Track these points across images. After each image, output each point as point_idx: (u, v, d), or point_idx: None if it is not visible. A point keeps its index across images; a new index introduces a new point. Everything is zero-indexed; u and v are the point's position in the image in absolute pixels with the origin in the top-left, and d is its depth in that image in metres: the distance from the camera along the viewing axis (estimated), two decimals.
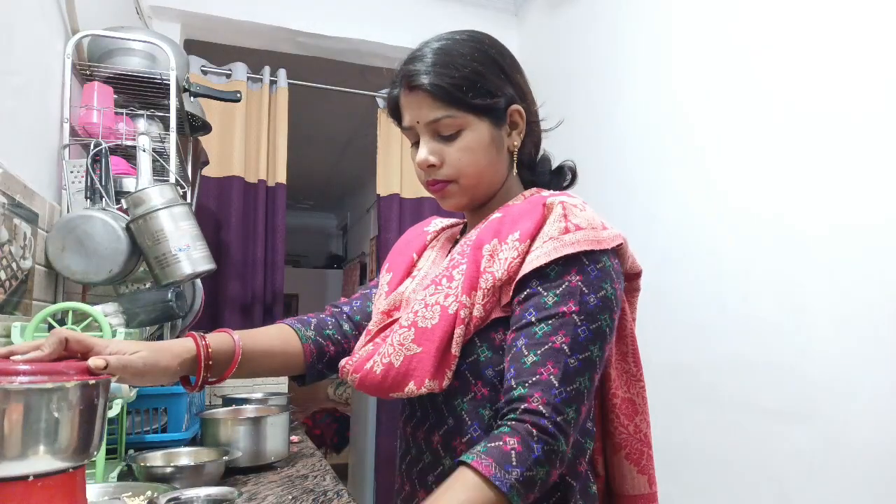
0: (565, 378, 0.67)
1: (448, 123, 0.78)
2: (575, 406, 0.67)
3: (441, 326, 0.73)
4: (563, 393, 0.67)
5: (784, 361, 1.43)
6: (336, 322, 0.96)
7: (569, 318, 0.69)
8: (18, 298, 1.22)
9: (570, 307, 0.69)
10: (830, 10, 1.37)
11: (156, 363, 0.75)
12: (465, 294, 0.74)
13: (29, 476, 0.61)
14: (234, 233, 2.53)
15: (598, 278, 0.71)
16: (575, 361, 0.68)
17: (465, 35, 0.81)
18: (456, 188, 0.81)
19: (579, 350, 0.69)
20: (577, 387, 0.68)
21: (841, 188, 1.33)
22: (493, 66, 0.80)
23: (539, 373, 0.67)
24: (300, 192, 5.75)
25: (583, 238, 0.71)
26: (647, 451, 0.84)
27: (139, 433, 1.44)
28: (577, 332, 0.69)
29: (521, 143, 0.83)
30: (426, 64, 0.78)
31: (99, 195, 1.41)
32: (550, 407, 0.66)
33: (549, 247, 0.71)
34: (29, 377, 0.61)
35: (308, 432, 3.82)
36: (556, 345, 0.68)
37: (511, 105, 0.81)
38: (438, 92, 0.76)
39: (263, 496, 1.18)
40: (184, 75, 1.79)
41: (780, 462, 1.43)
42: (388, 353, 0.76)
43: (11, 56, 1.26)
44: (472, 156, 0.78)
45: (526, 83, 0.85)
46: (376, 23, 2.62)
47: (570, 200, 0.76)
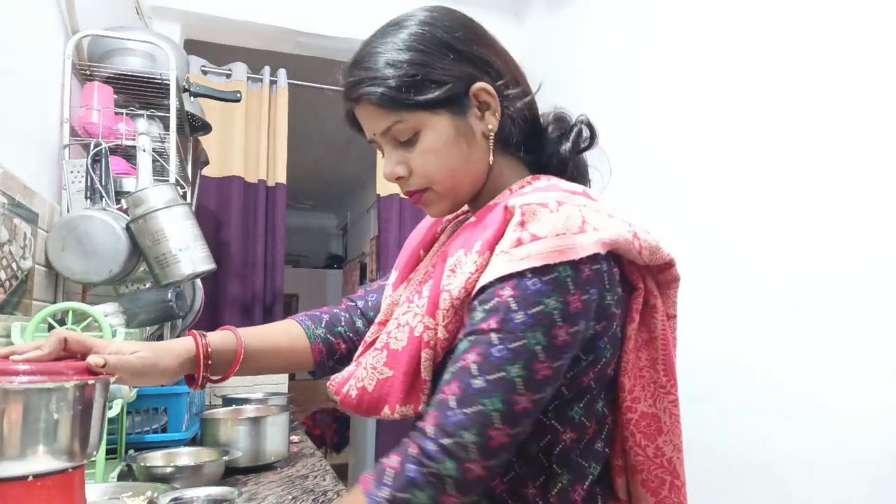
0: (464, 399, 0.60)
1: (401, 129, 0.70)
2: (476, 428, 0.59)
3: (408, 350, 0.68)
4: (458, 415, 0.59)
5: (784, 361, 1.43)
6: (349, 318, 0.92)
7: (485, 336, 0.61)
8: (18, 298, 1.22)
9: (490, 324, 0.61)
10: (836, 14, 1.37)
11: (155, 364, 0.74)
12: (429, 315, 0.67)
13: (28, 476, 0.61)
14: (234, 233, 2.53)
15: (539, 292, 0.60)
16: (481, 382, 0.60)
17: (403, 22, 0.72)
18: (433, 195, 0.73)
19: (487, 370, 0.60)
20: (480, 409, 0.59)
21: (841, 188, 1.33)
22: (439, 48, 0.69)
23: (443, 391, 0.62)
24: (300, 192, 5.75)
25: (536, 251, 0.60)
26: (672, 481, 0.72)
27: (139, 433, 1.44)
28: (489, 350, 0.60)
29: (501, 123, 0.72)
30: (364, 71, 0.70)
31: (99, 195, 1.41)
32: (438, 428, 0.60)
33: (498, 262, 0.62)
34: (28, 377, 0.61)
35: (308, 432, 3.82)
36: (465, 363, 0.61)
37: (473, 84, 0.70)
38: (381, 100, 0.68)
39: (263, 496, 1.18)
40: (184, 75, 1.79)
41: (781, 462, 1.42)
42: (362, 376, 0.72)
43: (11, 56, 1.26)
44: (437, 157, 0.70)
45: (492, 51, 0.74)
46: (376, 23, 2.60)
47: (541, 199, 0.63)
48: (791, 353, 1.42)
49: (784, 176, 1.46)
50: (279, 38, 2.59)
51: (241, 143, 2.57)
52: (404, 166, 0.72)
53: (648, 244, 0.69)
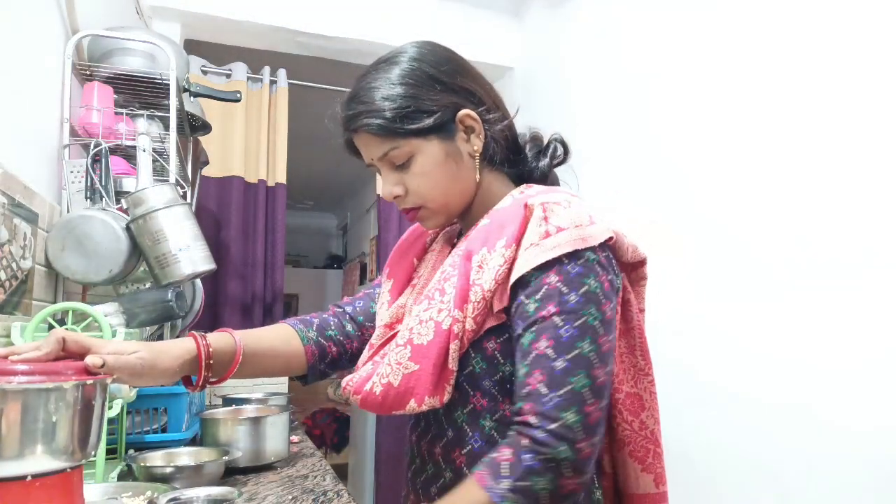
0: (553, 383, 0.65)
1: (396, 155, 0.78)
2: (575, 408, 0.64)
3: (436, 343, 0.72)
4: (554, 398, 0.64)
5: (784, 360, 1.43)
6: (339, 322, 0.96)
7: (549, 321, 0.67)
8: (18, 298, 1.22)
9: (550, 310, 0.67)
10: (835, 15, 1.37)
11: (154, 364, 0.75)
12: (458, 308, 0.72)
13: (27, 476, 0.60)
14: (234, 233, 2.53)
15: (580, 274, 0.69)
16: (562, 363, 0.66)
17: (394, 59, 0.80)
18: (427, 212, 0.81)
19: (565, 350, 0.66)
20: (572, 387, 0.65)
21: (841, 187, 1.33)
22: (427, 82, 0.78)
23: (528, 384, 0.66)
24: (300, 192, 5.75)
25: (565, 240, 0.69)
26: (654, 449, 0.81)
27: (139, 433, 1.44)
28: (558, 333, 0.67)
29: (485, 144, 0.81)
30: (361, 104, 0.78)
31: (99, 195, 1.41)
32: (540, 416, 0.64)
33: (530, 254, 0.69)
34: (27, 377, 0.61)
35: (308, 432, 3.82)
36: (539, 351, 0.67)
37: (458, 112, 0.79)
38: (377, 130, 0.77)
39: (263, 496, 1.18)
40: (184, 75, 1.79)
41: (780, 460, 1.42)
42: (387, 372, 0.76)
43: (11, 56, 1.26)
44: (430, 178, 0.78)
45: (474, 81, 0.82)
46: (376, 23, 2.61)
47: (553, 198, 0.73)
48: (791, 353, 1.41)
49: (784, 176, 1.46)
50: (279, 38, 2.58)
51: (241, 143, 2.57)
52: (401, 187, 0.80)
53: (630, 243, 0.79)
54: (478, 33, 2.75)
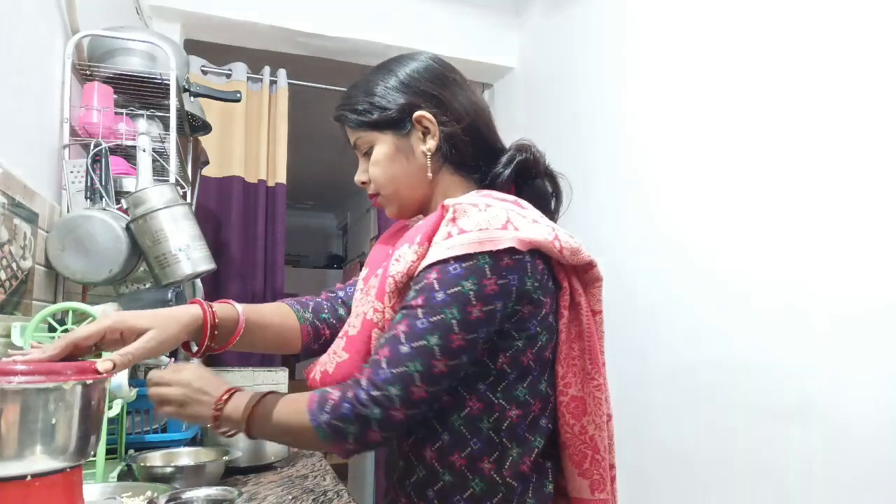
0: (392, 361, 0.72)
1: (361, 143, 0.89)
2: (399, 386, 0.72)
3: (361, 334, 0.80)
4: (387, 373, 0.72)
5: (784, 361, 1.43)
6: (332, 306, 1.02)
7: (413, 311, 0.74)
8: (18, 298, 1.22)
9: (418, 301, 0.74)
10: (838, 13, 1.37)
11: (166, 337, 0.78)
12: (378, 299, 0.80)
13: (27, 476, 0.60)
14: (234, 233, 2.53)
15: (458, 276, 0.73)
16: (406, 348, 0.72)
17: (382, 63, 0.91)
18: (382, 199, 0.91)
19: (413, 338, 0.73)
20: (405, 370, 0.72)
21: (841, 187, 1.33)
22: (390, 83, 0.87)
23: (378, 354, 0.74)
24: (300, 192, 5.74)
25: (461, 242, 0.73)
26: (592, 455, 0.82)
27: (139, 433, 1.44)
28: (415, 322, 0.73)
29: (439, 145, 0.86)
30: (343, 100, 0.90)
31: (99, 195, 1.41)
32: (370, 382, 0.72)
33: (432, 251, 0.75)
34: (26, 377, 0.61)
35: None
36: (396, 332, 0.74)
37: (415, 112, 0.85)
38: (347, 120, 0.89)
39: (263, 496, 1.18)
40: (184, 75, 1.79)
41: (781, 462, 1.42)
42: (325, 361, 0.84)
43: (11, 56, 1.26)
44: (380, 167, 0.87)
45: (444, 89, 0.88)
46: (376, 23, 2.61)
47: (471, 200, 0.77)
48: (791, 353, 1.41)
49: (797, 177, 1.46)
50: (279, 38, 2.58)
51: (241, 143, 2.57)
52: (364, 174, 0.91)
53: (570, 246, 0.80)
54: (478, 33, 2.75)
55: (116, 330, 0.75)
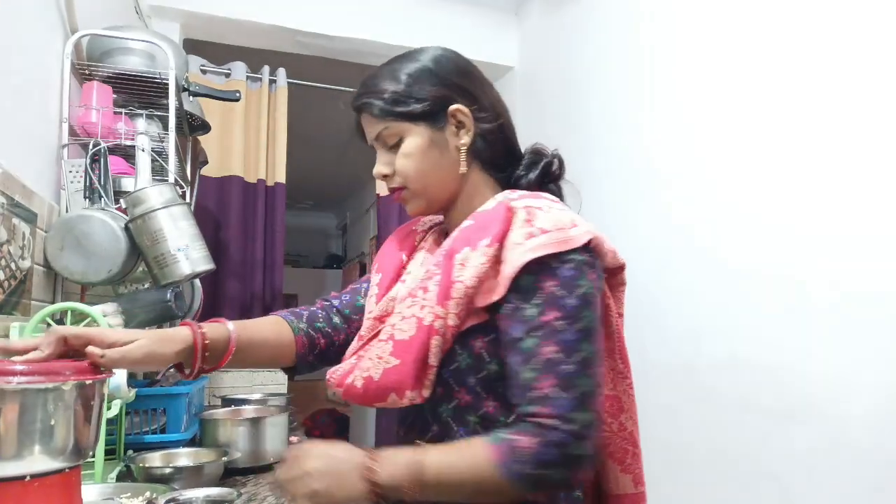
0: (566, 385, 0.68)
1: (388, 134, 0.84)
2: (584, 408, 0.68)
3: (418, 338, 0.75)
4: (569, 401, 0.68)
5: (784, 361, 1.43)
6: (326, 315, 0.98)
7: (553, 326, 0.70)
8: (17, 299, 1.22)
9: (552, 314, 0.71)
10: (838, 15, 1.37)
11: (154, 351, 0.77)
12: (440, 305, 0.75)
13: (26, 476, 0.60)
14: (234, 233, 2.53)
15: (573, 277, 0.72)
16: (571, 366, 0.69)
17: (406, 54, 0.87)
18: (408, 193, 0.86)
19: (571, 354, 0.69)
20: (582, 389, 0.69)
21: (841, 187, 1.32)
22: (425, 74, 0.84)
23: (540, 388, 0.69)
24: (300, 191, 5.75)
25: (548, 241, 0.72)
26: (633, 450, 0.84)
27: (138, 434, 1.44)
28: (564, 337, 0.70)
29: (474, 140, 0.85)
30: (365, 87, 0.86)
31: (98, 195, 1.41)
32: (559, 419, 0.67)
33: (516, 253, 0.72)
34: (26, 377, 0.60)
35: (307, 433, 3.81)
36: (547, 356, 0.69)
37: (451, 105, 0.83)
38: (374, 109, 0.84)
39: (263, 497, 1.18)
40: (183, 75, 1.79)
41: (781, 462, 1.42)
42: (367, 367, 0.78)
43: (10, 55, 1.26)
44: (412, 160, 0.83)
45: (473, 83, 0.87)
46: (376, 22, 2.61)
47: (535, 203, 0.76)
48: (791, 353, 1.41)
49: (797, 176, 1.46)
50: (278, 37, 2.58)
51: (240, 143, 2.57)
52: (389, 167, 0.86)
53: (611, 248, 0.81)
54: (478, 33, 2.75)
55: (105, 340, 0.74)
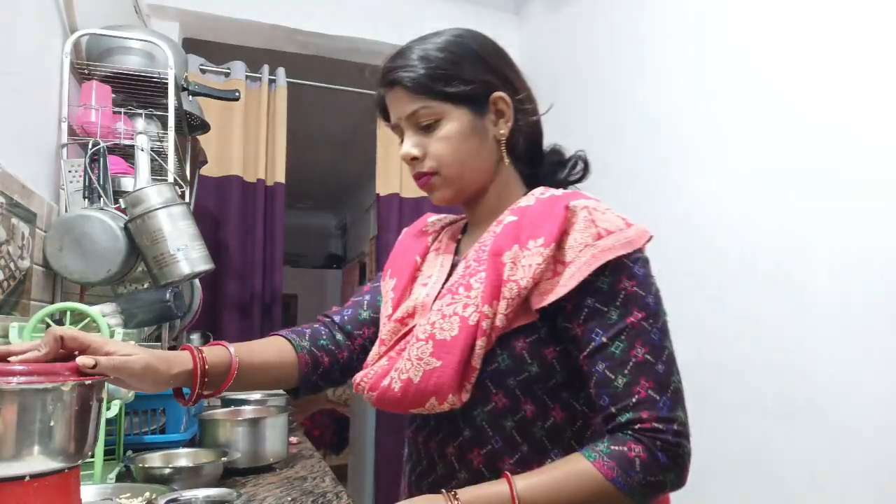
0: (662, 386, 0.68)
1: (425, 114, 0.78)
2: (681, 405, 0.69)
3: (462, 338, 0.71)
4: (668, 401, 0.67)
5: (785, 361, 1.43)
6: (329, 332, 0.94)
7: (640, 328, 0.69)
8: (16, 299, 1.21)
9: (636, 315, 0.69)
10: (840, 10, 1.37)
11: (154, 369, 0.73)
12: (486, 304, 0.71)
13: (25, 476, 0.60)
14: (233, 232, 2.53)
15: (646, 276, 0.72)
16: (662, 366, 0.68)
17: (445, 31, 0.82)
18: (439, 180, 0.80)
19: (660, 353, 0.69)
20: (674, 387, 0.69)
21: (841, 188, 1.32)
22: (471, 55, 0.79)
23: (636, 392, 0.67)
24: (299, 191, 5.74)
25: (616, 242, 0.70)
26: None
27: (138, 434, 1.43)
28: (651, 337, 0.69)
29: (511, 132, 0.81)
30: (403, 60, 0.79)
31: (97, 195, 1.41)
32: (663, 421, 0.67)
33: (587, 255, 0.70)
34: (24, 378, 0.60)
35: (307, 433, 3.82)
36: (639, 358, 0.68)
37: (493, 93, 0.79)
38: (413, 84, 0.77)
39: (262, 497, 1.17)
40: (182, 74, 1.79)
41: (782, 462, 1.42)
42: (406, 368, 0.74)
43: (10, 55, 1.25)
44: (451, 145, 0.78)
45: (514, 73, 0.84)
46: (376, 22, 2.61)
47: (592, 203, 0.74)
48: (792, 353, 1.41)
49: (789, 180, 1.46)
50: (278, 36, 2.58)
51: (239, 143, 2.57)
52: (420, 149, 0.80)
53: None
54: None
55: (102, 347, 0.71)
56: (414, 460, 0.83)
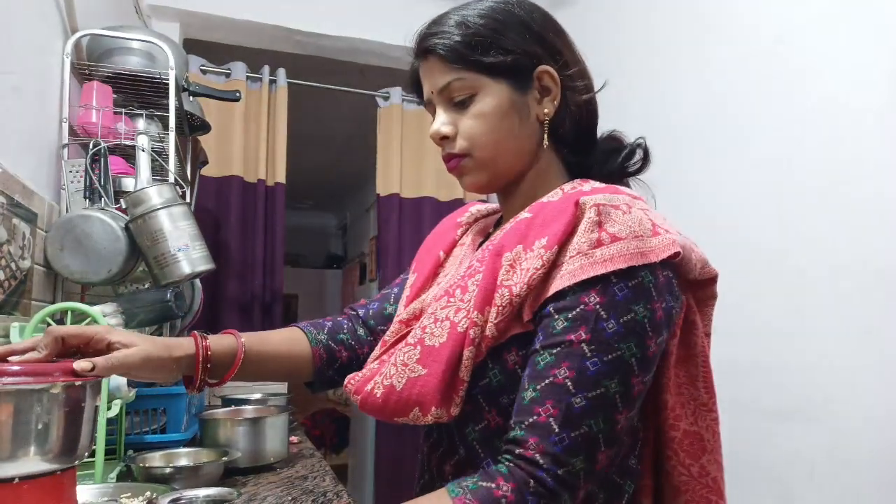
0: (567, 422, 0.57)
1: (458, 87, 0.69)
2: (584, 455, 0.57)
3: (448, 346, 0.64)
4: (566, 440, 0.57)
5: (785, 362, 1.43)
6: (351, 326, 0.89)
7: (576, 349, 0.58)
8: (17, 299, 1.22)
9: (580, 335, 0.58)
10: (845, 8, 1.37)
11: (153, 357, 0.71)
12: (477, 310, 0.63)
13: (14, 478, 0.59)
14: (233, 233, 2.53)
15: (628, 299, 0.59)
16: (581, 400, 0.57)
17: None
18: (471, 163, 0.71)
19: (586, 387, 0.57)
20: (587, 431, 0.57)
21: (841, 188, 1.32)
22: (516, 22, 0.69)
23: (537, 412, 0.58)
24: (299, 191, 5.74)
25: (618, 252, 0.59)
26: (717, 501, 0.70)
27: (138, 433, 1.44)
28: (584, 364, 0.58)
29: (556, 112, 0.71)
30: (438, 27, 0.71)
31: (98, 195, 1.41)
32: (549, 457, 0.56)
33: (575, 264, 0.60)
34: (13, 378, 0.59)
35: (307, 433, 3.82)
36: (557, 380, 0.58)
37: (539, 66, 0.70)
38: (448, 53, 0.69)
39: (263, 497, 1.18)
40: (183, 74, 1.79)
41: (782, 463, 1.42)
42: (391, 373, 0.67)
43: (10, 55, 1.26)
44: (486, 123, 0.69)
45: (565, 44, 0.73)
46: (376, 22, 2.61)
47: (611, 200, 0.63)
48: (792, 353, 1.41)
49: (790, 178, 1.46)
50: (278, 37, 2.58)
51: (240, 143, 2.57)
52: (452, 127, 0.71)
53: (701, 257, 0.69)
54: None
55: (104, 339, 0.68)
56: (419, 472, 0.80)
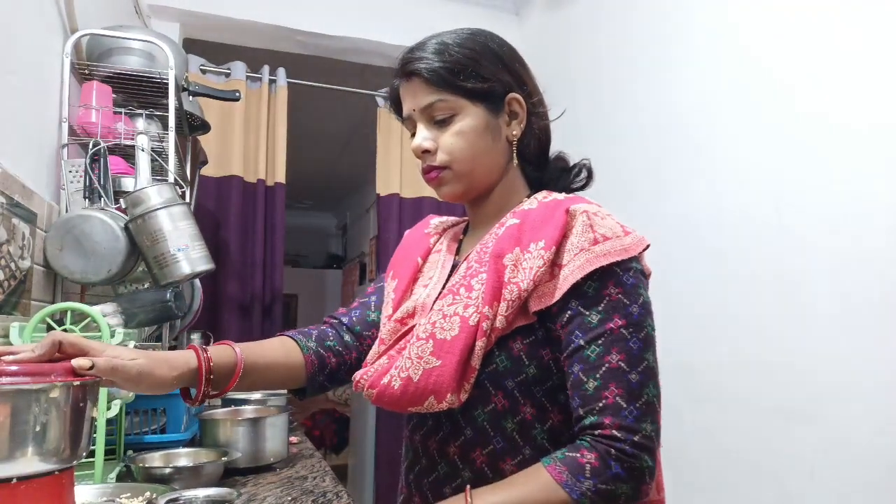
0: (631, 396, 0.67)
1: (441, 107, 0.79)
2: (650, 418, 0.67)
3: (461, 338, 0.72)
4: (634, 411, 0.66)
5: (785, 361, 1.43)
6: (337, 333, 0.95)
7: (618, 334, 0.69)
8: (17, 299, 1.22)
9: (617, 322, 0.69)
10: (835, 14, 1.37)
11: (151, 372, 0.73)
12: (487, 305, 0.72)
13: (12, 479, 0.59)
14: (233, 233, 2.53)
15: (635, 285, 0.71)
16: (636, 376, 0.68)
17: (465, 29, 0.83)
18: (450, 175, 0.80)
19: (636, 363, 0.68)
20: (647, 399, 0.68)
21: (841, 188, 1.32)
22: (489, 54, 0.81)
23: (604, 397, 0.67)
24: (299, 191, 5.74)
25: (612, 248, 0.70)
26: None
27: (138, 434, 1.44)
28: (629, 346, 0.68)
29: (522, 134, 0.83)
30: (422, 52, 0.80)
31: (97, 195, 1.41)
32: (625, 430, 0.66)
33: (581, 259, 0.70)
34: (11, 378, 0.59)
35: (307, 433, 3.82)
36: (612, 365, 0.68)
37: (509, 93, 0.81)
38: (431, 76, 0.78)
39: (263, 497, 1.18)
40: (182, 74, 1.79)
41: (782, 462, 1.42)
42: (406, 366, 0.75)
43: (10, 55, 1.26)
44: (465, 140, 0.79)
45: (529, 76, 0.85)
46: (376, 22, 2.61)
47: (592, 209, 0.74)
48: (792, 353, 1.41)
49: (788, 179, 1.46)
50: (278, 37, 2.58)
51: (240, 143, 2.57)
52: (432, 142, 0.80)
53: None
54: None
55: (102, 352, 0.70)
56: (411, 459, 0.83)
